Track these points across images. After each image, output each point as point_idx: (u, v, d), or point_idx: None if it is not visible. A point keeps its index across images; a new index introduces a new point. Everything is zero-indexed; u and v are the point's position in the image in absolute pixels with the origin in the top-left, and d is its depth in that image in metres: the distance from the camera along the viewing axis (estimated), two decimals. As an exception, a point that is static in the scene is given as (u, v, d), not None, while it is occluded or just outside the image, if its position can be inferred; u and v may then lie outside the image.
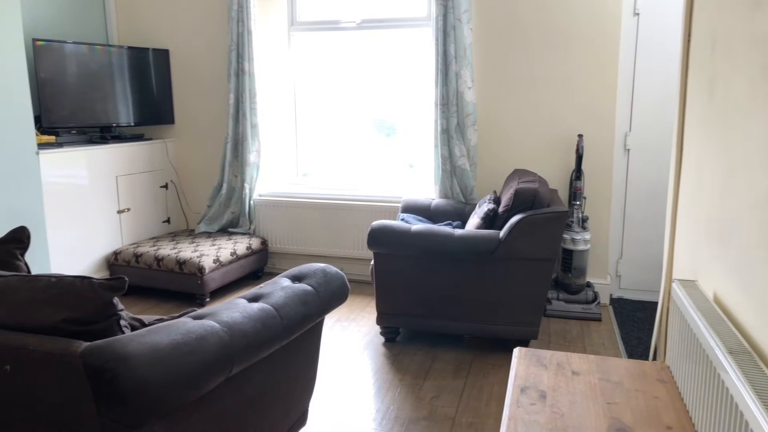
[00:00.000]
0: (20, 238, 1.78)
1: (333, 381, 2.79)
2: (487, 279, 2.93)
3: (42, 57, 3.61)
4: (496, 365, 2.93)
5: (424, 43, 4.05)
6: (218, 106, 4.42)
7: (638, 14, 3.64)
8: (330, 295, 1.95)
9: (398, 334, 3.25)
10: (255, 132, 4.20)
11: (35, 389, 1.31)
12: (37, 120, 3.70)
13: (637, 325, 3.44)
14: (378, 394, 2.66)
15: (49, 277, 1.45)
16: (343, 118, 4.40)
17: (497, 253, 2.86)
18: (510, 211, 2.97)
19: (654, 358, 2.44)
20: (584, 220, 3.57)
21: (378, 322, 3.15)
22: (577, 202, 3.58)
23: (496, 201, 3.21)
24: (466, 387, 2.71)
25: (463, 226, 3.50)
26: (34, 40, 3.57)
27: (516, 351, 1.93)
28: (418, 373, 2.84)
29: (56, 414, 1.31)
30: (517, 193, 2.96)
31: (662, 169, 3.74)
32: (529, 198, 2.93)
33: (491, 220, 3.05)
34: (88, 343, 1.28)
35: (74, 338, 1.33)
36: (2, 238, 1.77)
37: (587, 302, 3.56)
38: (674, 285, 1.82)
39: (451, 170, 3.84)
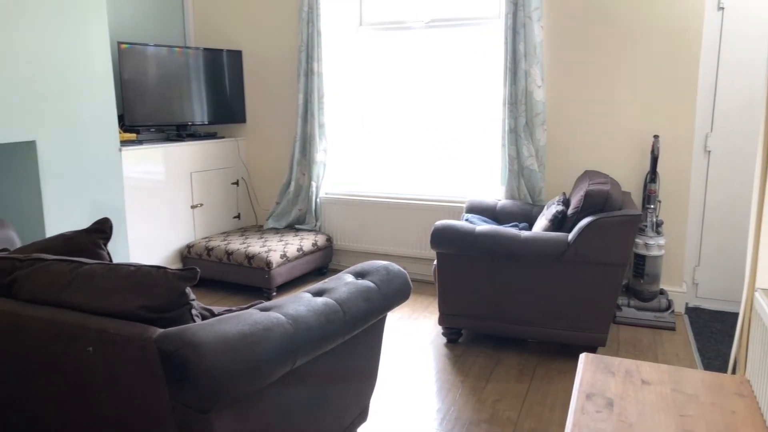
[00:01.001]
0: (103, 228, 1.89)
1: (394, 379, 2.80)
2: (554, 283, 2.86)
3: (126, 59, 3.82)
4: (562, 371, 2.85)
5: (492, 41, 4.00)
6: (287, 105, 4.52)
7: (723, 8, 3.44)
8: (392, 293, 1.96)
9: (460, 335, 3.22)
10: (322, 131, 4.27)
11: (114, 370, 1.39)
12: (120, 119, 3.91)
13: (715, 336, 3.25)
14: (439, 394, 2.64)
15: (129, 266, 1.53)
16: (409, 117, 4.40)
17: (565, 256, 2.79)
18: (579, 214, 2.88)
19: (734, 372, 2.30)
20: (658, 224, 3.42)
21: (440, 323, 3.13)
22: (651, 206, 3.42)
23: (565, 203, 3.13)
24: (529, 392, 2.65)
25: (529, 228, 3.42)
26: (119, 43, 3.78)
27: (582, 356, 1.87)
28: (480, 376, 2.81)
29: (132, 394, 1.38)
30: (588, 195, 2.86)
31: (746, 172, 3.52)
32: (600, 200, 2.83)
33: (560, 222, 2.97)
34: (162, 330, 1.35)
35: (150, 324, 1.40)
36: (88, 228, 1.89)
37: (660, 310, 3.40)
38: (757, 294, 1.71)
39: (518, 170, 3.77)
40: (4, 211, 3.33)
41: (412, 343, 3.19)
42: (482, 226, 3.00)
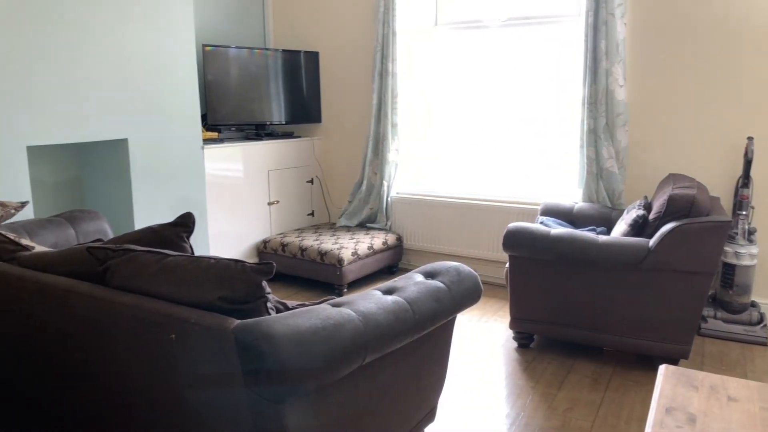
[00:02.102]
0: (186, 222, 1.98)
1: (463, 381, 2.77)
2: (633, 290, 2.74)
3: (209, 61, 3.99)
4: (639, 383, 2.73)
5: (571, 39, 3.88)
6: (362, 105, 4.58)
7: (830, -1, 3.18)
8: (462, 294, 1.95)
9: (532, 340, 3.14)
10: (395, 131, 4.30)
11: (193, 358, 1.46)
12: (203, 118, 4.10)
13: (812, 354, 3.01)
14: (508, 399, 2.60)
15: (209, 258, 1.60)
16: (483, 117, 4.34)
17: (646, 263, 2.66)
18: (662, 219, 2.74)
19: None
20: (751, 232, 3.20)
21: (511, 327, 3.08)
22: (743, 212, 3.21)
23: (647, 207, 2.99)
24: (603, 402, 2.56)
25: (608, 233, 3.30)
26: (204, 45, 3.96)
27: (662, 368, 1.78)
28: (552, 383, 2.73)
29: (209, 382, 1.45)
30: (672, 200, 2.72)
31: None
32: (685, 205, 2.68)
33: (640, 227, 2.84)
34: (239, 321, 1.40)
35: (228, 315, 1.46)
36: (172, 222, 1.99)
37: (751, 324, 3.18)
38: None
39: (597, 173, 3.64)
40: (99, 204, 3.57)
41: (482, 346, 3.15)
42: (558, 229, 2.92)
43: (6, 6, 2.75)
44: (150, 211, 3.50)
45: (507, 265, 3.05)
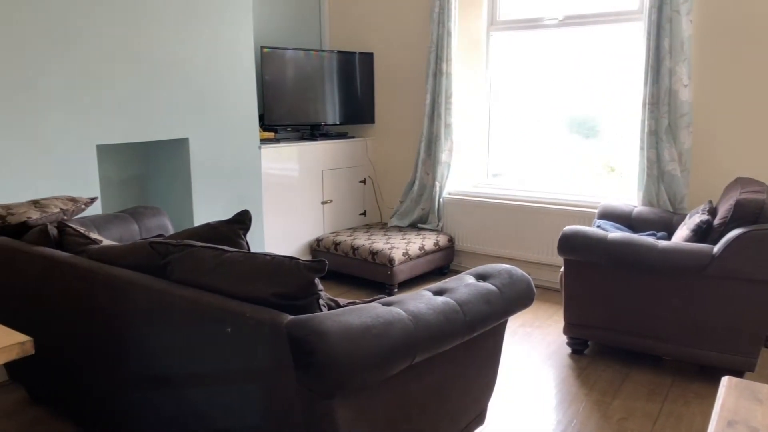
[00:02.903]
0: (243, 219, 2.04)
1: (514, 385, 2.73)
2: (694, 298, 2.63)
3: (267, 62, 4.09)
4: (700, 395, 2.62)
5: (632, 38, 3.76)
6: (415, 106, 4.58)
7: None
8: (514, 297, 1.92)
9: (586, 346, 3.07)
10: (448, 131, 4.28)
11: (247, 351, 1.50)
12: (260, 118, 4.20)
13: None
14: (560, 405, 2.54)
15: (264, 255, 1.64)
16: (538, 117, 4.27)
17: (709, 270, 2.55)
18: (728, 224, 2.62)
19: None
20: (826, 240, 3.01)
21: (565, 332, 3.01)
22: (818, 219, 3.03)
23: (711, 212, 2.86)
24: (661, 413, 2.47)
25: (668, 238, 3.18)
26: (262, 47, 4.06)
27: (725, 380, 1.70)
28: (607, 391, 2.66)
29: (262, 375, 1.49)
30: (739, 204, 2.60)
31: None
32: (754, 210, 2.56)
33: (704, 233, 2.72)
34: (292, 317, 1.43)
35: (281, 311, 1.50)
36: (230, 219, 2.05)
37: (824, 337, 3.00)
38: None
39: (658, 175, 3.52)
40: (161, 201, 3.72)
41: (534, 351, 3.10)
42: (615, 233, 2.84)
43: (81, 15, 2.91)
44: (209, 208, 3.62)
45: (561, 269, 2.99)
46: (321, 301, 1.63)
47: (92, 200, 2.73)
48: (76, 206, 2.64)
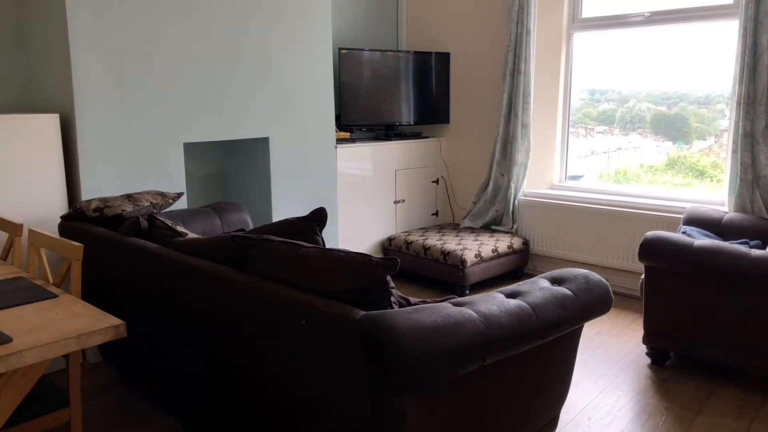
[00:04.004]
0: (319, 217, 2.09)
1: (588, 393, 2.65)
2: (790, 311, 2.45)
3: (345, 63, 4.16)
4: (795, 416, 2.44)
5: (723, 34, 3.54)
6: (490, 106, 4.53)
7: None
8: (590, 303, 1.86)
9: (668, 357, 2.92)
10: (525, 132, 4.20)
11: (320, 345, 1.54)
12: (337, 119, 4.28)
13: None
14: (638, 418, 2.44)
15: (339, 251, 1.68)
16: (622, 118, 4.11)
17: (808, 281, 2.37)
18: (831, 233, 2.42)
19: None
20: None
21: (645, 342, 2.89)
22: None
23: (812, 219, 2.65)
24: (749, 433, 2.32)
25: (763, 247, 2.97)
26: (340, 49, 4.14)
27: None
28: (689, 405, 2.53)
29: (333, 369, 1.52)
30: None
31: None
32: None
33: (803, 241, 2.53)
34: (364, 312, 1.46)
35: (354, 306, 1.53)
36: (306, 216, 2.11)
37: None
38: None
39: (753, 180, 3.30)
40: (242, 197, 3.87)
41: (611, 360, 2.99)
42: (702, 240, 2.69)
43: (172, 20, 3.08)
44: (286, 204, 3.73)
45: (642, 276, 2.87)
46: (392, 299, 1.65)
47: (179, 195, 2.88)
48: (164, 200, 2.80)
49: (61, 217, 2.70)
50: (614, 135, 4.18)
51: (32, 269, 2.05)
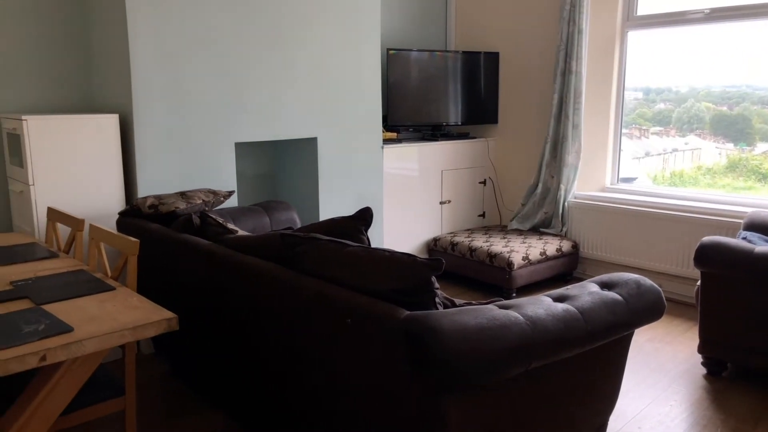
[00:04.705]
0: (365, 216, 2.11)
1: (639, 401, 2.57)
2: None
3: (392, 64, 4.17)
4: None
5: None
6: (540, 106, 4.45)
7: None
8: (642, 309, 1.81)
9: (725, 368, 2.81)
10: (576, 133, 4.11)
11: (365, 342, 1.56)
12: (384, 119, 4.30)
13: None
14: (691, 429, 2.35)
15: (384, 251, 1.69)
16: (675, 118, 3.97)
17: None
18: None
19: None
20: None
21: (700, 351, 2.78)
22: None
23: None
24: (812, 450, 2.20)
25: (829, 254, 2.82)
26: (388, 49, 4.15)
27: None
28: (746, 418, 2.42)
29: (377, 367, 1.53)
30: None
31: None
32: None
33: None
34: (409, 312, 1.46)
35: (398, 306, 1.53)
36: (352, 215, 2.13)
37: None
38: None
39: (818, 184, 3.13)
40: (290, 196, 3.94)
41: (663, 368, 2.89)
42: (764, 246, 2.57)
43: (227, 24, 3.16)
44: (333, 203, 3.77)
45: (698, 282, 2.76)
46: (437, 299, 1.65)
47: (230, 193, 2.96)
48: (216, 198, 2.88)
49: (119, 214, 2.82)
50: (670, 136, 4.04)
51: (92, 262, 2.15)
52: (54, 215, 2.46)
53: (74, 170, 2.84)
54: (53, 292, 1.74)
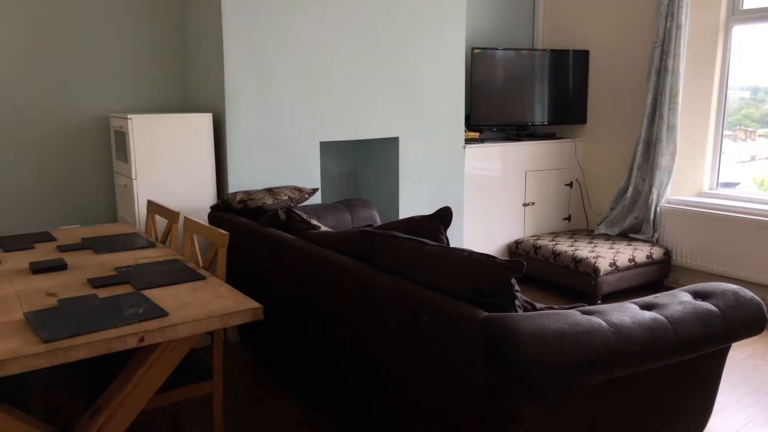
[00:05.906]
0: (444, 216, 2.11)
1: (735, 420, 2.40)
2: None
3: (477, 63, 4.13)
4: None
5: None
6: (632, 106, 4.25)
7: None
8: (740, 322, 1.69)
9: (835, 392, 2.57)
10: (671, 134, 3.89)
11: (441, 341, 1.56)
12: (466, 119, 4.26)
13: None
14: (793, 455, 2.17)
15: (463, 251, 1.68)
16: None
17: None
18: None
19: None
20: None
21: (805, 371, 2.56)
22: None
23: None
24: None
25: None
26: (473, 48, 4.11)
27: None
28: None
29: (452, 367, 1.53)
30: None
31: None
32: None
33: None
34: (487, 313, 1.45)
35: (476, 306, 1.52)
36: (432, 214, 2.14)
37: None
38: None
39: None
40: (371, 194, 3.99)
41: (764, 387, 2.68)
42: None
43: (314, 27, 3.25)
44: (412, 202, 3.79)
45: (806, 296, 2.54)
46: (517, 302, 1.62)
47: (314, 191, 3.05)
48: (301, 195, 2.97)
49: (211, 207, 2.98)
50: (779, 138, 3.74)
51: (186, 253, 2.28)
52: (153, 208, 2.64)
53: (172, 166, 3.03)
54: (151, 279, 1.87)
